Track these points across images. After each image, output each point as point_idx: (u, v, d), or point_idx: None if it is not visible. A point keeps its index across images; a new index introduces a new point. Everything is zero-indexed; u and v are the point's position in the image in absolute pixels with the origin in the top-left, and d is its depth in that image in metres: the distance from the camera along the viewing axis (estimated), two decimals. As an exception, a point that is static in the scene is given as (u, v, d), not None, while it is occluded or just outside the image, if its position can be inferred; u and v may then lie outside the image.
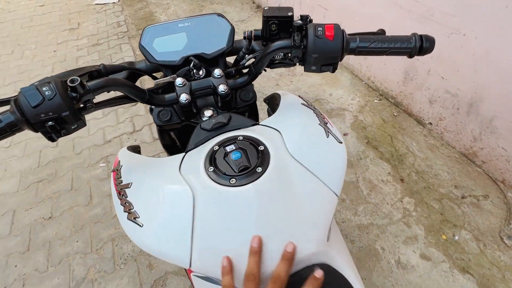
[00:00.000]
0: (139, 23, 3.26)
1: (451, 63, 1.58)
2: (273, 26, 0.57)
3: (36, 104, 0.41)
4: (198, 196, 0.46)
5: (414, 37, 0.53)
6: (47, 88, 0.42)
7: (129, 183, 0.52)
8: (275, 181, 0.46)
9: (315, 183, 0.49)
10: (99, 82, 0.48)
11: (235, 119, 0.58)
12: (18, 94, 0.43)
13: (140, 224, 0.46)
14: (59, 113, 0.43)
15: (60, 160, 1.94)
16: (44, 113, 0.42)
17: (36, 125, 0.43)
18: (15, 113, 0.42)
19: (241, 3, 3.43)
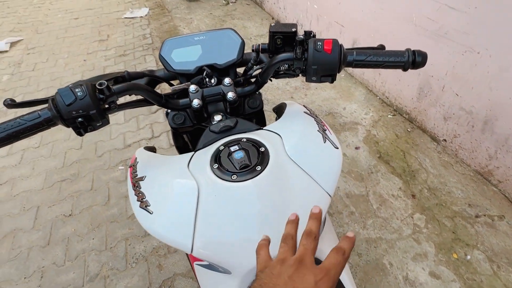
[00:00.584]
0: (163, 36, 3.44)
1: (465, 80, 1.58)
2: (278, 40, 0.62)
3: (69, 102, 0.49)
4: (202, 189, 0.51)
5: (407, 52, 0.57)
6: (79, 90, 0.49)
7: (143, 176, 0.58)
8: (272, 178, 0.51)
9: (309, 183, 0.53)
10: (123, 86, 0.55)
11: (241, 123, 0.64)
12: (55, 94, 0.51)
13: (151, 212, 0.52)
14: (88, 111, 0.50)
15: (83, 162, 2.06)
16: (75, 110, 0.49)
17: (68, 121, 0.50)
18: (52, 110, 0.50)
19: (261, 19, 3.56)
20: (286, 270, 0.35)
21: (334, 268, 0.35)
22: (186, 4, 4.14)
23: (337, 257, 0.36)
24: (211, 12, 3.85)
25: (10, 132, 0.49)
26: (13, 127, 0.49)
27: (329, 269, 0.35)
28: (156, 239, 1.55)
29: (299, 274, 0.34)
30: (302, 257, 0.36)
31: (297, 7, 2.94)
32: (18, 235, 1.64)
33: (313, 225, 0.40)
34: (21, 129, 0.49)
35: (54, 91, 1.02)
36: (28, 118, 0.50)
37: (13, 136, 0.49)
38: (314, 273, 0.34)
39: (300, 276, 0.34)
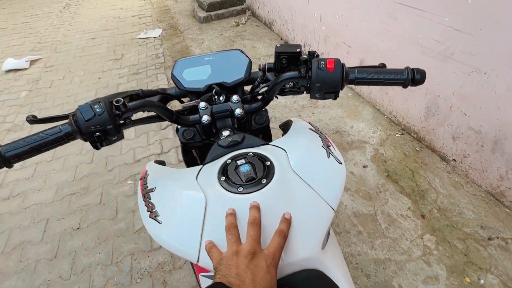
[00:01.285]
0: (175, 55, 3.56)
1: (472, 100, 1.58)
2: (284, 60, 0.66)
3: (88, 118, 0.52)
4: (210, 201, 0.53)
5: (406, 70, 0.60)
6: (97, 106, 0.53)
7: (153, 188, 0.60)
8: (277, 191, 0.52)
9: (313, 196, 0.54)
10: (138, 103, 0.58)
11: (248, 138, 0.66)
12: (75, 110, 0.54)
13: (159, 222, 0.53)
14: (105, 126, 0.53)
15: (93, 176, 2.10)
16: (93, 125, 0.52)
17: (86, 135, 0.53)
18: (72, 125, 0.53)
19: (270, 40, 3.66)
20: (242, 260, 0.42)
21: (278, 250, 0.45)
22: (198, 25, 4.30)
23: (279, 239, 0.45)
24: (222, 33, 3.98)
25: (33, 145, 0.52)
26: (36, 141, 0.52)
27: (275, 252, 0.44)
28: (161, 255, 1.55)
29: (254, 262, 0.42)
30: (254, 247, 0.44)
31: (305, 28, 3.03)
32: (27, 247, 1.66)
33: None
34: (43, 142, 0.52)
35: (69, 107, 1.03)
36: (50, 132, 0.53)
37: (36, 149, 0.52)
38: (264, 259, 0.43)
39: (255, 264, 0.42)
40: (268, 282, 0.41)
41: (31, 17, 5.55)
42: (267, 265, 0.43)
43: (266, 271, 0.42)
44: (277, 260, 0.44)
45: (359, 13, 2.22)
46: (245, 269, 0.41)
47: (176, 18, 4.68)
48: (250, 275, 0.41)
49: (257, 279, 0.41)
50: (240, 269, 0.41)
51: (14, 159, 0.51)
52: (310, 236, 0.50)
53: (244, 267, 0.42)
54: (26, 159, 0.53)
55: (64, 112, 0.57)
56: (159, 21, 4.69)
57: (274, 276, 0.43)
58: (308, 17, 2.93)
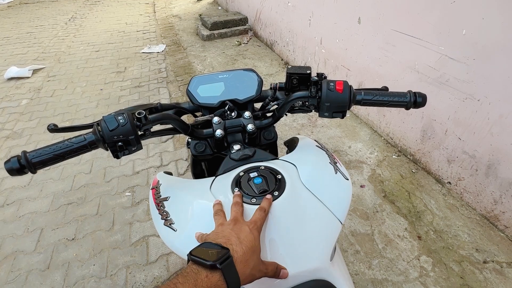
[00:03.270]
0: (177, 71, 3.63)
1: (467, 126, 1.65)
2: (295, 80, 0.70)
3: (112, 128, 0.55)
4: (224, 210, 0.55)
5: (409, 93, 0.65)
6: (121, 117, 0.56)
7: (168, 197, 0.62)
8: (288, 203, 0.55)
9: (322, 210, 0.56)
10: (158, 116, 0.61)
11: (259, 153, 0.69)
12: (100, 120, 0.57)
13: (175, 229, 0.55)
14: (127, 136, 0.56)
15: (90, 186, 2.09)
16: (116, 135, 0.55)
17: (109, 144, 0.56)
18: (96, 134, 0.55)
19: (271, 60, 3.77)
20: (227, 227, 0.49)
21: (259, 220, 0.50)
22: (201, 43, 4.42)
23: (261, 213, 0.52)
24: (224, 51, 4.09)
25: (58, 152, 0.54)
26: (62, 148, 0.54)
27: (256, 221, 0.50)
28: (157, 269, 1.53)
29: (237, 226, 0.48)
30: (236, 217, 0.51)
31: (306, 50, 3.14)
32: (19, 257, 1.63)
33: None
34: (68, 150, 0.55)
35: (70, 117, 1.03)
36: (75, 141, 0.55)
37: (61, 156, 0.54)
38: (247, 224, 0.49)
39: (238, 227, 0.48)
40: (252, 241, 0.46)
41: (36, 28, 5.65)
42: (249, 228, 0.48)
43: (249, 232, 0.47)
44: (259, 227, 0.50)
45: (358, 38, 2.32)
46: (230, 232, 0.47)
47: (179, 35, 4.80)
48: (235, 234, 0.46)
49: (241, 237, 0.46)
50: (226, 232, 0.47)
51: (39, 165, 0.53)
52: (319, 247, 0.52)
53: (229, 230, 0.47)
54: (50, 165, 0.55)
55: (64, 121, 0.59)
56: (163, 37, 4.80)
57: (257, 238, 0.48)
58: (309, 40, 3.04)
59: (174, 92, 3.21)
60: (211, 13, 5.26)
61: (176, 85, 3.35)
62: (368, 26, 2.19)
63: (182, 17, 5.67)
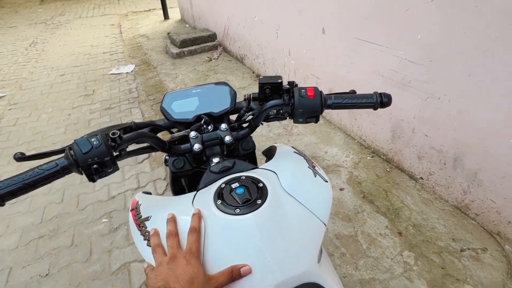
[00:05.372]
0: (149, 90, 3.59)
1: (431, 123, 1.75)
2: (267, 90, 0.72)
3: (86, 151, 0.53)
4: (208, 224, 0.54)
5: (375, 94, 0.69)
6: (94, 139, 0.54)
7: (149, 216, 0.61)
8: (272, 210, 0.55)
9: (305, 213, 0.57)
10: (133, 135, 0.60)
11: (238, 164, 0.69)
12: (72, 144, 0.55)
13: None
14: (102, 158, 0.54)
15: (63, 216, 1.98)
16: (91, 158, 0.53)
17: (83, 168, 0.54)
18: (69, 158, 0.53)
19: (242, 73, 3.83)
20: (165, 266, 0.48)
21: (194, 245, 0.50)
22: (171, 60, 4.41)
23: (193, 236, 0.51)
24: (195, 68, 4.11)
25: (28, 181, 0.51)
26: (32, 176, 0.52)
27: (191, 248, 0.50)
28: (142, 296, 1.46)
29: (175, 263, 0.48)
30: (172, 253, 0.50)
31: (276, 62, 3.22)
32: (-14, 301, 1.49)
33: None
34: (39, 178, 0.52)
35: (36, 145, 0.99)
36: (46, 167, 0.53)
37: (31, 185, 0.52)
38: (183, 256, 0.48)
39: (175, 264, 0.48)
40: (191, 272, 0.46)
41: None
42: (186, 260, 0.48)
43: (185, 264, 0.47)
44: (195, 252, 0.50)
45: (324, 47, 2.42)
46: (167, 271, 0.47)
47: (148, 54, 4.76)
48: (172, 273, 0.46)
49: (178, 273, 0.46)
50: (164, 273, 0.47)
51: (7, 196, 0.50)
52: (306, 251, 0.53)
53: (166, 270, 0.47)
54: (20, 195, 0.52)
55: (29, 150, 0.57)
56: (131, 57, 4.74)
57: (196, 265, 0.47)
58: (277, 52, 3.13)
59: (147, 111, 3.16)
60: (179, 31, 5.28)
61: (148, 104, 3.30)
62: (332, 35, 2.30)
63: (150, 37, 5.64)
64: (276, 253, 0.51)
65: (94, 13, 8.19)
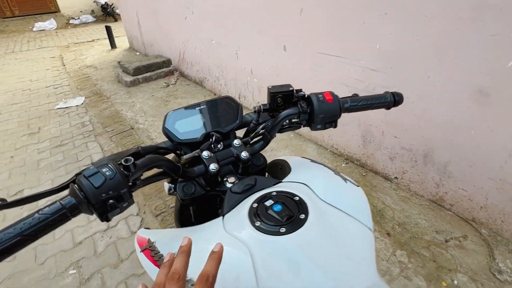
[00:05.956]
0: (105, 121, 3.34)
1: (398, 124, 1.87)
2: (279, 99, 0.69)
3: (99, 184, 0.44)
4: (253, 249, 0.47)
5: (387, 94, 0.70)
6: (107, 169, 0.45)
7: (172, 253, 0.51)
8: (319, 224, 0.50)
9: (351, 221, 0.54)
10: (146, 161, 0.52)
11: (260, 180, 0.63)
12: (75, 178, 0.45)
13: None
14: (119, 191, 0.45)
15: (17, 276, 1.67)
16: (105, 192, 0.44)
17: (96, 205, 0.44)
18: (77, 195, 0.43)
19: (204, 96, 3.78)
20: None
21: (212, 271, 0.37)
22: (125, 89, 4.19)
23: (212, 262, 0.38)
24: (153, 94, 3.95)
25: (28, 232, 0.40)
26: (32, 225, 0.41)
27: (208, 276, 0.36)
28: None
29: None
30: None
31: (238, 82, 3.24)
32: None
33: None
34: (42, 226, 0.42)
35: None
36: (49, 210, 0.42)
37: (32, 236, 0.41)
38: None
39: None
40: None
41: None
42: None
43: None
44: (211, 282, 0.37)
45: (287, 64, 2.50)
46: None
47: (99, 84, 4.48)
48: None
49: None
50: None
51: (3, 255, 0.39)
52: (366, 262, 0.49)
53: None
54: (17, 251, 0.40)
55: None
56: (79, 89, 4.41)
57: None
58: (239, 72, 3.16)
59: (106, 144, 2.92)
60: (130, 59, 5.09)
61: (106, 136, 3.05)
62: (293, 52, 2.39)
63: (98, 67, 5.34)
64: (333, 272, 0.46)
65: (29, 47, 7.57)
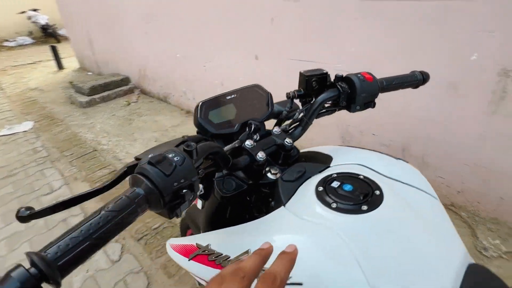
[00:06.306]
0: (62, 146, 3.02)
1: (376, 122, 1.97)
2: (314, 83, 0.67)
3: (170, 172, 0.37)
4: (341, 230, 0.44)
5: (416, 73, 0.74)
6: (174, 154, 0.39)
7: (244, 252, 0.45)
8: (396, 197, 0.49)
9: (419, 193, 0.54)
10: (204, 146, 0.46)
11: (308, 166, 0.60)
12: (140, 166, 0.37)
13: (299, 283, 0.39)
14: (190, 179, 0.39)
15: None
16: (177, 181, 0.38)
17: (167, 198, 0.37)
18: (147, 186, 0.36)
19: (170, 111, 3.63)
20: None
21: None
22: (81, 110, 3.87)
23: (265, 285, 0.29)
24: (114, 113, 3.70)
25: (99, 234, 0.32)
26: (101, 225, 0.32)
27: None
28: None
29: None
30: None
31: (208, 95, 3.13)
32: None
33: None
34: (111, 226, 0.33)
35: None
36: (116, 207, 0.34)
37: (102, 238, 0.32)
38: None
39: None
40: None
41: None
42: None
43: None
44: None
45: (260, 72, 2.52)
46: None
47: (49, 107, 4.08)
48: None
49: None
50: None
51: (73, 265, 0.29)
52: (450, 235, 0.47)
53: None
54: (87, 259, 0.31)
55: None
56: (25, 113, 3.96)
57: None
58: (209, 84, 3.10)
59: (66, 169, 2.62)
60: (83, 79, 4.74)
61: (65, 161, 2.75)
62: (266, 60, 2.42)
63: (45, 89, 4.88)
64: (428, 238, 0.44)
65: (-45, 72, 6.68)
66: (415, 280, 0.40)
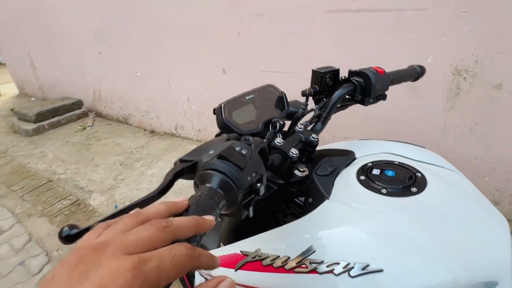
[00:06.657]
0: (8, 180, 2.66)
1: (347, 125, 2.07)
2: (328, 79, 0.69)
3: (244, 165, 0.35)
4: (403, 215, 0.44)
5: (415, 66, 0.80)
6: (241, 147, 0.37)
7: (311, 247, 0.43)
8: (437, 178, 0.50)
9: (453, 174, 0.56)
10: (256, 141, 0.44)
11: (336, 160, 0.60)
12: (209, 162, 0.34)
13: (379, 270, 0.38)
14: (261, 172, 0.37)
15: None
16: (250, 175, 0.35)
17: (242, 194, 0.35)
18: (223, 182, 0.33)
19: (133, 133, 3.44)
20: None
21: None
22: (27, 139, 3.47)
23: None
24: (67, 140, 3.39)
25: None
26: None
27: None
28: None
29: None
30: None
31: (173, 112, 3.08)
32: None
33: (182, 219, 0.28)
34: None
35: None
36: (203, 205, 0.31)
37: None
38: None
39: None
40: None
41: None
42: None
43: None
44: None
45: (229, 86, 2.52)
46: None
47: (-14, 139, 3.60)
48: None
49: None
50: None
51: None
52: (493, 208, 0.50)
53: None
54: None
55: None
56: (-45, 148, 3.44)
57: None
58: (173, 102, 3.01)
59: (17, 205, 2.31)
60: (26, 105, 4.28)
61: (15, 196, 2.42)
62: (234, 73, 2.44)
63: (-21, 119, 4.31)
64: (474, 214, 0.47)
65: None
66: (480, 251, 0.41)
